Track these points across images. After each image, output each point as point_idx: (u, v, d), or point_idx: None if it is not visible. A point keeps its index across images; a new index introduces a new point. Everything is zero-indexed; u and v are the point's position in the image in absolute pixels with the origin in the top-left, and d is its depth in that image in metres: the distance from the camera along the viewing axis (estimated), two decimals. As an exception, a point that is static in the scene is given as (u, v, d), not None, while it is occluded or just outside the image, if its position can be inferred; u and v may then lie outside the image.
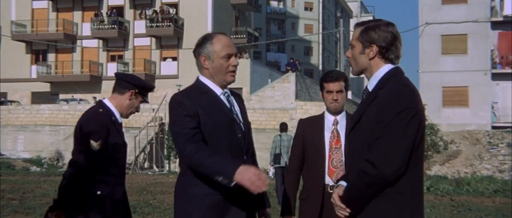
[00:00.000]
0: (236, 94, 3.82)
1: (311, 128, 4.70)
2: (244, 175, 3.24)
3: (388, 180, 3.07)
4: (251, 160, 3.74)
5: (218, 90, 3.64)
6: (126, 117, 4.67)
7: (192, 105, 3.48)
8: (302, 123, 4.85)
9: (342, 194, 3.25)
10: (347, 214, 3.24)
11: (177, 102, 3.53)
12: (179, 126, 3.47)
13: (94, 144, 4.25)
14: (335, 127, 4.63)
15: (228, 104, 3.65)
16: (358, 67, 3.38)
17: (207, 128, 3.49)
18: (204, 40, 3.64)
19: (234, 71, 3.65)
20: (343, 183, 3.35)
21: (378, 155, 3.05)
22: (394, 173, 3.05)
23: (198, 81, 3.68)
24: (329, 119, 4.68)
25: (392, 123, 3.05)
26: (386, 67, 3.29)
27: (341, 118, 4.67)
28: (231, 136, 3.56)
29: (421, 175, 3.25)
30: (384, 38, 3.27)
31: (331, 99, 4.61)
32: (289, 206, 4.60)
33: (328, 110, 4.69)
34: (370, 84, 3.32)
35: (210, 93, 3.61)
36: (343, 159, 4.40)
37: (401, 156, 3.05)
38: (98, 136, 4.27)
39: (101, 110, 4.46)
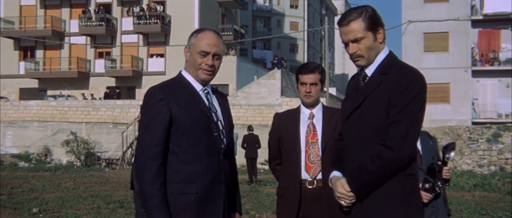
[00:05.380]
0: (220, 93, 3.72)
1: (286, 122, 4.56)
2: None
3: (405, 162, 3.07)
4: (229, 159, 3.61)
5: (197, 86, 3.53)
6: None
7: (165, 102, 3.37)
8: (277, 117, 4.74)
9: (350, 180, 3.20)
10: (352, 201, 3.21)
11: (150, 97, 3.42)
12: (148, 135, 3.36)
13: None
14: (311, 121, 4.48)
15: (206, 102, 3.53)
16: (372, 56, 3.25)
17: (182, 125, 3.38)
18: (194, 32, 3.59)
19: (206, 70, 3.51)
20: (337, 174, 3.36)
21: (394, 139, 3.03)
22: (410, 155, 3.07)
23: (179, 75, 3.60)
24: (304, 112, 4.53)
25: (407, 108, 3.04)
26: (384, 52, 3.26)
27: (317, 111, 4.51)
28: (208, 134, 3.44)
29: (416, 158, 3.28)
30: (380, 19, 3.25)
31: (304, 92, 4.45)
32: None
33: (303, 103, 4.53)
34: (369, 69, 3.25)
35: (189, 89, 3.50)
36: (320, 154, 4.36)
37: (415, 139, 3.10)
38: None
39: None
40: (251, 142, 20.08)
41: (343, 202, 3.23)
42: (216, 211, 3.47)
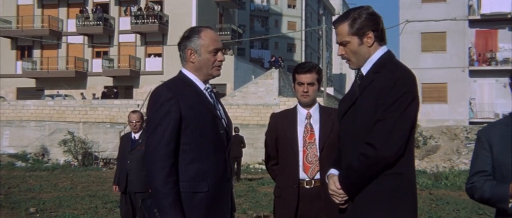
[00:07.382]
0: (215, 92, 3.70)
1: (283, 123, 4.54)
2: None
3: (388, 161, 3.05)
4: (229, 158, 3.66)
5: (201, 85, 3.54)
6: None
7: (175, 101, 3.37)
8: (274, 117, 4.71)
9: (340, 178, 3.22)
10: (344, 199, 3.22)
11: (159, 96, 3.41)
12: (158, 134, 3.35)
13: None
14: (308, 121, 4.47)
15: (211, 100, 3.55)
16: (360, 60, 3.26)
17: (192, 123, 3.39)
18: (192, 33, 3.54)
19: (220, 66, 3.58)
20: (334, 171, 3.35)
21: (378, 136, 3.03)
22: (394, 154, 3.04)
23: (181, 74, 3.57)
24: (301, 112, 4.52)
25: (392, 106, 3.03)
26: (381, 51, 3.24)
27: (314, 111, 4.51)
28: (215, 132, 3.47)
29: (414, 157, 3.26)
30: (373, 22, 3.22)
31: (302, 92, 4.44)
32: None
33: (300, 102, 4.53)
34: (364, 68, 3.25)
35: (195, 87, 3.51)
36: (318, 154, 4.35)
37: (400, 138, 3.05)
38: None
39: None
40: (236, 142, 20.83)
41: (335, 199, 3.25)
42: (225, 208, 3.52)
